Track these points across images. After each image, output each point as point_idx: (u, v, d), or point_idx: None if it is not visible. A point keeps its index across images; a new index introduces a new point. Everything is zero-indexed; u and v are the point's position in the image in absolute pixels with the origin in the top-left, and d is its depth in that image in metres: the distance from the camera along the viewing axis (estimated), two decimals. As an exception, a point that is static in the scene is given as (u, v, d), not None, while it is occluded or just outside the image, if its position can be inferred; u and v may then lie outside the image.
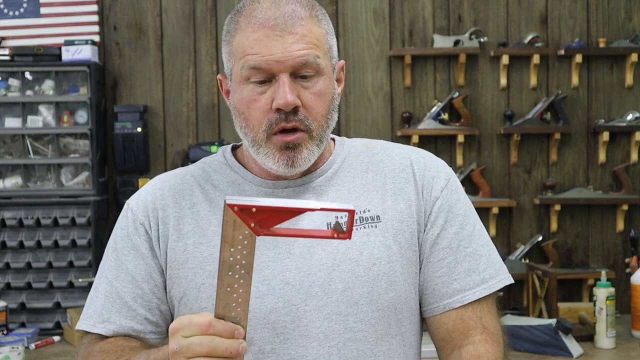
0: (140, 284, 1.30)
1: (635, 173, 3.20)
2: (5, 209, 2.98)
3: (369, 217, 1.28)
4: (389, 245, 1.27)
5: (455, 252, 1.30)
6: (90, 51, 3.00)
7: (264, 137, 1.24)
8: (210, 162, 1.38)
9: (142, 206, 1.33)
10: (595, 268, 3.13)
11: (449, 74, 3.19)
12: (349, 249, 1.25)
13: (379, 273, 1.25)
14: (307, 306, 1.23)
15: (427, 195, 1.31)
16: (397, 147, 1.39)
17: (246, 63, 1.22)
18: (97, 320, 1.31)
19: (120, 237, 1.33)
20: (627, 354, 2.53)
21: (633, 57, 3.13)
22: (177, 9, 3.20)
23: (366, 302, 1.24)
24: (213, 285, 1.22)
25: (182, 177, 1.36)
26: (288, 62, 1.21)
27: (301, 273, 1.24)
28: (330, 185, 1.31)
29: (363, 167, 1.34)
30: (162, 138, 3.21)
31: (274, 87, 1.22)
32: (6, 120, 3.01)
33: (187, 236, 1.28)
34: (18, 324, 2.91)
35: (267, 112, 1.23)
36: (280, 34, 1.21)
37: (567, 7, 3.20)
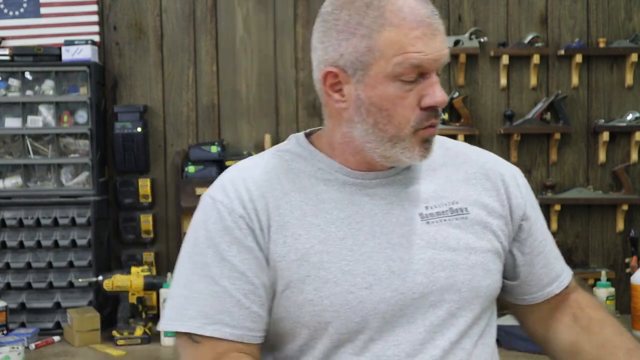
0: (251, 279, 1.23)
1: (635, 173, 3.20)
2: (5, 209, 2.98)
3: (458, 208, 1.31)
4: (480, 236, 1.31)
5: (547, 243, 1.42)
6: (90, 51, 3.00)
7: (410, 133, 1.24)
8: (286, 150, 1.35)
9: (237, 199, 1.26)
10: (595, 268, 3.13)
11: (449, 74, 3.19)
12: (446, 238, 1.28)
13: (476, 262, 1.29)
14: (414, 294, 1.25)
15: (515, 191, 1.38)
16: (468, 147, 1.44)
17: (406, 60, 1.20)
18: (206, 321, 1.23)
19: (216, 233, 1.25)
20: (627, 354, 2.52)
21: (633, 57, 3.13)
22: (177, 9, 3.20)
23: (467, 289, 1.28)
24: (319, 277, 1.23)
25: (264, 167, 1.31)
26: (440, 61, 1.24)
27: (404, 262, 1.25)
28: (415, 178, 1.33)
29: (440, 161, 1.36)
30: (162, 138, 3.21)
31: (423, 85, 1.23)
32: (6, 120, 3.01)
33: (285, 227, 1.25)
34: (18, 324, 2.90)
35: (414, 110, 1.23)
36: (435, 33, 1.22)
37: (567, 7, 3.20)
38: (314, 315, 1.23)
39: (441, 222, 1.29)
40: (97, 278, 2.86)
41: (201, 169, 3.08)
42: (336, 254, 1.24)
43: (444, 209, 1.30)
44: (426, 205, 1.30)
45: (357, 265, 1.24)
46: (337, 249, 1.25)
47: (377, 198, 1.29)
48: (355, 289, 1.23)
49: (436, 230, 1.28)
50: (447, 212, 1.30)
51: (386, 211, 1.28)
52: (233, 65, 3.21)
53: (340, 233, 1.25)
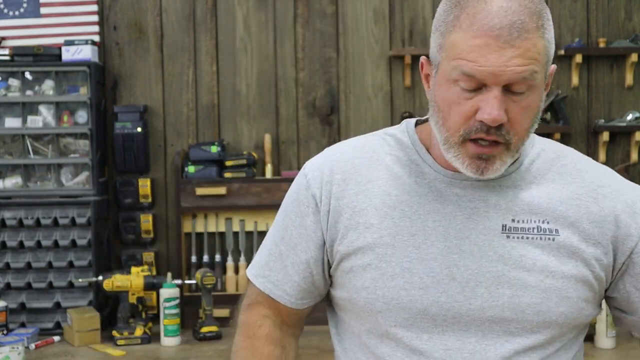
0: (299, 252, 1.32)
1: (635, 173, 3.20)
2: (5, 209, 2.98)
3: (548, 228, 1.24)
4: (564, 261, 1.23)
5: None
6: (90, 51, 3.00)
7: (459, 141, 1.19)
8: (393, 134, 1.34)
9: (318, 176, 1.32)
10: (595, 268, 3.13)
11: (449, 74, 3.19)
12: (522, 257, 1.23)
13: (551, 286, 1.22)
14: (471, 305, 1.22)
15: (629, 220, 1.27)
16: (589, 165, 1.33)
17: (459, 67, 1.16)
18: (259, 272, 1.38)
19: (291, 201, 1.35)
20: (627, 354, 2.53)
21: (633, 57, 3.13)
22: (177, 9, 3.20)
23: (533, 312, 1.22)
24: (379, 268, 1.24)
25: (360, 150, 1.33)
26: (503, 77, 1.14)
27: (469, 271, 1.22)
28: (513, 187, 1.26)
29: (550, 176, 1.28)
30: (162, 138, 3.21)
31: (482, 97, 1.16)
32: (6, 120, 3.01)
33: (360, 214, 1.27)
34: (18, 324, 2.91)
35: (468, 119, 1.17)
36: (502, 46, 1.13)
37: (567, 7, 3.20)
38: (367, 302, 1.25)
39: (523, 239, 1.23)
40: (97, 278, 2.86)
41: (201, 169, 3.08)
42: (402, 249, 1.24)
43: (532, 225, 1.24)
44: (513, 218, 1.24)
45: (419, 264, 1.23)
46: (405, 244, 1.25)
47: (464, 200, 1.25)
48: (410, 287, 1.23)
49: (514, 246, 1.23)
50: (533, 230, 1.24)
51: (467, 216, 1.24)
52: (233, 65, 3.21)
53: (412, 229, 1.25)
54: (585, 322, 1.30)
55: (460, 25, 1.16)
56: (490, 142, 1.18)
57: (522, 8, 1.15)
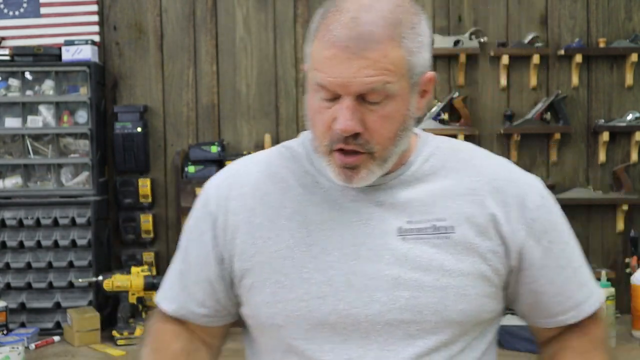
0: (200, 270, 1.33)
1: (635, 173, 3.20)
2: (5, 209, 2.98)
3: (443, 226, 1.24)
4: (461, 258, 1.23)
5: (565, 270, 1.30)
6: (90, 51, 3.00)
7: (326, 151, 1.20)
8: (290, 147, 1.34)
9: (216, 193, 1.34)
10: (595, 268, 3.13)
11: (449, 74, 3.20)
12: (418, 257, 1.22)
13: (448, 284, 1.22)
14: (369, 310, 1.21)
15: (518, 215, 1.26)
16: (485, 157, 1.33)
17: (314, 77, 1.18)
18: (164, 294, 1.38)
19: (192, 219, 1.37)
20: (627, 354, 2.53)
21: (633, 57, 3.13)
22: (177, 9, 3.20)
23: (431, 312, 1.21)
24: (277, 282, 1.24)
25: (257, 165, 1.34)
26: (353, 87, 1.14)
27: (366, 276, 1.22)
28: (407, 188, 1.26)
29: (444, 172, 1.28)
30: (162, 138, 3.21)
31: (339, 106, 1.16)
32: (6, 120, 3.01)
33: (257, 229, 1.27)
34: (18, 324, 2.90)
35: (329, 128, 1.18)
36: (350, 57, 1.13)
37: (567, 7, 3.20)
38: (269, 317, 1.25)
39: (418, 240, 1.23)
40: (97, 278, 2.86)
41: (201, 169, 3.08)
42: (299, 260, 1.24)
43: (427, 225, 1.23)
44: (409, 220, 1.23)
45: (317, 274, 1.23)
46: (302, 255, 1.24)
47: (359, 206, 1.25)
48: (309, 297, 1.22)
49: (409, 248, 1.22)
50: (428, 229, 1.23)
51: (364, 222, 1.24)
52: (233, 65, 3.21)
53: (309, 239, 1.24)
54: (488, 318, 1.29)
55: (317, 36, 1.18)
56: (352, 152, 1.18)
57: (376, 19, 1.15)
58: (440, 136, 1.36)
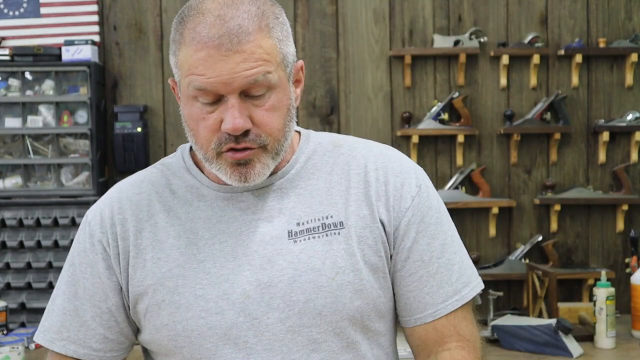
0: (98, 302, 1.26)
1: (635, 173, 3.20)
2: (5, 209, 2.98)
3: (332, 223, 1.23)
4: (353, 252, 1.22)
5: (427, 265, 1.26)
6: (90, 51, 3.00)
7: (214, 155, 1.18)
8: (169, 164, 1.32)
9: (100, 222, 1.28)
10: (595, 268, 3.13)
11: (449, 74, 3.20)
12: (311, 258, 1.20)
13: (343, 282, 1.20)
14: (269, 319, 1.19)
15: (395, 204, 1.25)
16: (365, 148, 1.32)
17: (191, 83, 1.15)
18: (56, 336, 1.28)
19: (77, 252, 1.29)
20: (627, 354, 2.53)
21: (633, 57, 3.13)
22: (177, 9, 3.20)
23: (330, 312, 1.20)
24: (173, 302, 1.21)
25: (139, 186, 1.30)
26: (235, 84, 1.13)
27: (261, 285, 1.19)
28: (292, 188, 1.25)
29: (328, 168, 1.28)
30: (162, 138, 3.21)
31: (223, 107, 1.15)
32: (6, 120, 3.01)
33: (145, 251, 1.24)
34: (18, 324, 2.91)
35: (216, 132, 1.16)
36: (226, 54, 1.12)
37: (567, 7, 3.20)
38: (170, 340, 1.22)
39: (309, 240, 1.21)
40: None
41: (201, 169, 3.08)
42: (192, 278, 1.21)
43: (316, 224, 1.22)
44: (298, 222, 1.22)
45: (212, 289, 1.20)
46: (194, 272, 1.21)
47: (248, 213, 1.23)
48: (207, 314, 1.19)
49: (301, 250, 1.20)
50: (318, 229, 1.22)
51: (253, 229, 1.22)
52: (233, 65, 3.20)
53: (200, 255, 1.22)
54: (385, 309, 1.26)
55: (185, 41, 1.17)
56: (244, 148, 1.17)
57: (240, 13, 1.14)
58: (322, 132, 1.36)
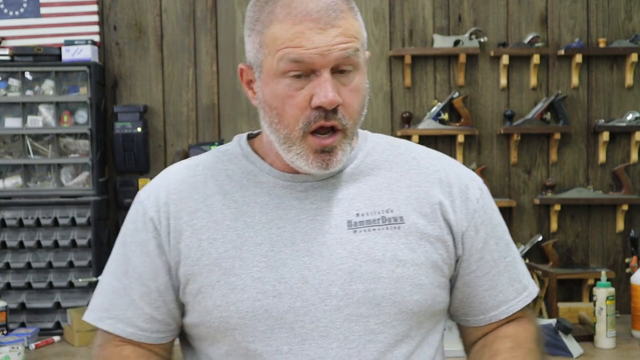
0: (147, 281, 1.26)
1: (635, 173, 3.20)
2: (5, 209, 2.98)
3: (392, 217, 1.24)
4: (413, 247, 1.24)
5: (498, 264, 1.31)
6: (90, 51, 3.00)
7: (300, 136, 1.19)
8: (224, 151, 1.33)
9: (153, 200, 1.28)
10: (595, 268, 3.13)
11: (449, 74, 3.20)
12: (372, 249, 1.22)
13: (402, 275, 1.22)
14: (327, 306, 1.19)
15: (462, 205, 1.29)
16: (423, 150, 1.37)
17: (286, 56, 1.16)
18: (104, 314, 1.29)
19: (129, 231, 1.30)
20: (627, 354, 2.53)
21: (633, 57, 3.13)
22: (177, 9, 3.20)
23: (389, 304, 1.21)
24: (228, 283, 1.21)
25: (194, 169, 1.31)
26: (331, 56, 1.16)
27: (320, 272, 1.20)
28: (352, 182, 1.27)
29: (387, 165, 1.30)
30: (162, 138, 3.21)
31: (313, 84, 1.17)
32: (6, 120, 3.01)
33: (201, 231, 1.24)
34: (18, 324, 2.91)
35: (304, 109, 1.18)
36: (324, 27, 1.16)
37: (567, 7, 3.20)
38: (222, 321, 1.21)
39: (370, 231, 1.23)
40: (97, 278, 2.86)
41: (201, 169, 3.08)
42: (249, 260, 1.21)
43: (376, 217, 1.24)
44: (357, 213, 1.24)
45: (269, 272, 1.20)
46: (251, 254, 1.22)
47: (306, 202, 1.24)
48: (263, 296, 1.19)
49: (362, 240, 1.22)
50: (378, 221, 1.24)
51: (312, 217, 1.23)
52: (233, 65, 3.21)
53: (257, 238, 1.22)
54: (440, 309, 1.29)
55: (277, 17, 1.18)
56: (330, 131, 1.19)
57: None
58: (377, 134, 1.38)
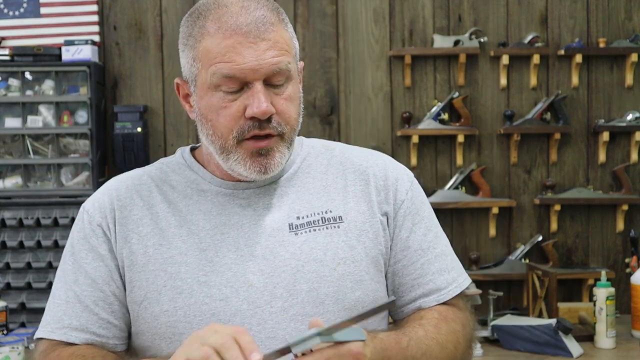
0: (101, 286, 1.26)
1: (635, 173, 3.20)
2: (5, 209, 2.98)
3: (331, 217, 1.27)
4: (353, 245, 1.26)
5: (426, 254, 1.33)
6: (90, 51, 3.00)
7: (234, 144, 1.22)
8: (167, 162, 1.36)
9: (99, 207, 1.30)
10: (595, 268, 3.13)
11: (449, 74, 3.20)
12: (313, 250, 1.25)
13: (344, 273, 1.24)
14: (272, 308, 1.22)
15: (391, 198, 1.32)
16: (355, 150, 1.39)
17: (218, 71, 1.18)
18: (56, 326, 1.26)
19: (77, 240, 1.30)
20: (627, 354, 2.53)
21: (633, 57, 3.13)
22: (177, 9, 3.20)
23: (332, 301, 1.23)
24: (174, 287, 1.22)
25: (139, 178, 1.33)
26: (262, 70, 1.18)
27: (265, 275, 1.22)
28: (291, 186, 1.30)
29: (322, 168, 1.33)
30: (162, 138, 3.21)
31: (246, 95, 1.19)
32: (6, 120, 3.01)
33: (147, 238, 1.26)
34: (18, 324, 2.91)
35: (238, 119, 1.20)
36: (254, 41, 1.17)
37: (567, 7, 3.20)
38: (169, 326, 1.22)
39: (310, 232, 1.25)
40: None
41: (201, 169, 3.08)
42: (194, 265, 1.23)
43: (316, 218, 1.27)
44: (298, 216, 1.27)
45: (215, 277, 1.22)
46: (197, 259, 1.23)
47: (249, 209, 1.27)
48: (210, 300, 1.21)
49: (304, 241, 1.25)
50: (318, 222, 1.26)
51: (254, 222, 1.26)
52: (233, 65, 3.20)
53: (202, 244, 1.24)
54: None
55: (208, 31, 1.20)
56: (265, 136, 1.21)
57: (261, 5, 1.20)
58: (312, 138, 1.41)
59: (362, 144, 2.89)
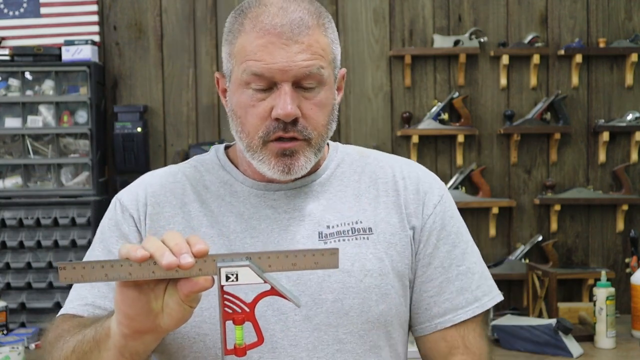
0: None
1: (635, 173, 3.20)
2: (5, 209, 2.98)
3: (361, 228, 1.26)
4: (381, 257, 1.25)
5: (447, 272, 1.30)
6: (90, 51, 3.00)
7: (260, 144, 1.21)
8: (202, 160, 1.36)
9: (133, 199, 1.31)
10: (595, 268, 3.13)
11: (449, 74, 3.20)
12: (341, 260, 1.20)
13: (370, 285, 1.23)
14: (297, 316, 1.21)
15: (420, 212, 1.30)
16: (391, 159, 1.37)
17: (248, 68, 1.19)
18: (81, 302, 1.26)
19: (107, 228, 1.31)
20: (627, 354, 2.53)
21: (633, 57, 3.13)
22: (177, 9, 3.20)
23: (357, 313, 1.22)
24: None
25: (174, 176, 1.34)
26: (291, 72, 1.18)
27: (291, 282, 1.21)
28: (323, 192, 1.29)
29: (356, 176, 1.32)
30: (162, 138, 3.21)
31: (275, 95, 1.19)
32: (6, 120, 3.01)
33: None
34: (18, 324, 2.91)
35: (264, 119, 1.20)
36: (286, 42, 1.18)
37: (567, 7, 3.20)
38: (194, 327, 1.21)
39: (339, 242, 1.24)
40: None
41: (201, 169, 3.08)
42: None
43: (346, 228, 1.26)
44: (328, 224, 1.26)
45: None
46: None
47: (280, 211, 1.27)
48: None
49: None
50: (348, 232, 1.26)
51: (284, 228, 1.25)
52: (233, 65, 3.21)
53: (232, 247, 1.24)
54: (403, 318, 1.29)
55: (245, 29, 1.21)
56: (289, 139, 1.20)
57: (301, 8, 1.20)
58: (348, 145, 1.40)
59: (362, 144, 2.89)
